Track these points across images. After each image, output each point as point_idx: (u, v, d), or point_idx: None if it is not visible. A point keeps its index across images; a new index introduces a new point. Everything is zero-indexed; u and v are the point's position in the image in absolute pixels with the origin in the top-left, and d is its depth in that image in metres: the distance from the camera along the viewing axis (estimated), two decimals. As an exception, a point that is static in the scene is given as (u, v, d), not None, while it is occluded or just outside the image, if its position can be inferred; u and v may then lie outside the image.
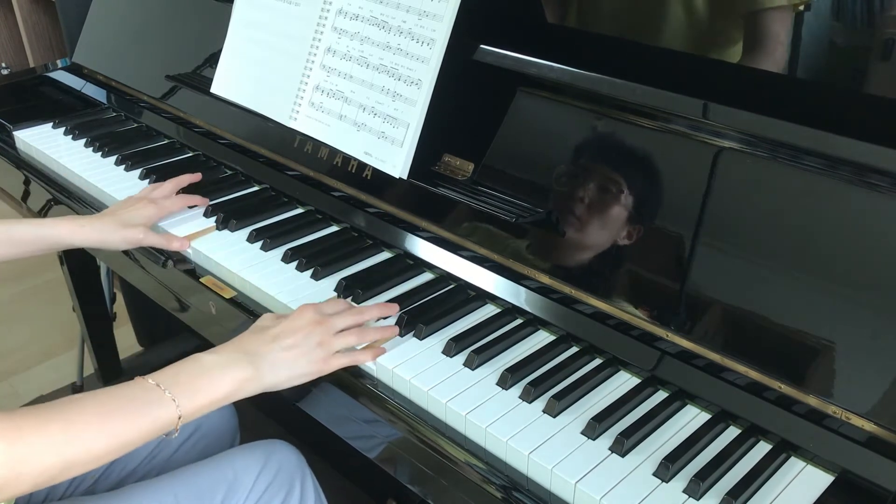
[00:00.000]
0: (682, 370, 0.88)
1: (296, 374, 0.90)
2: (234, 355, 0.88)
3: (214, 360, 0.87)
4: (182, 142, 1.49)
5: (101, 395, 0.81)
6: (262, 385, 0.88)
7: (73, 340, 2.15)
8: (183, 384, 0.84)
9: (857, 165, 0.80)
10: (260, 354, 0.89)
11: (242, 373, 0.87)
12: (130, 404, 0.81)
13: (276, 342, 0.90)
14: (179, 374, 0.85)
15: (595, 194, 0.97)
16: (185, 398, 0.83)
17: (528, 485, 0.80)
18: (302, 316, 0.93)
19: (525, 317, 1.00)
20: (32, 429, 0.75)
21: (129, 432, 0.80)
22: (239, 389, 0.87)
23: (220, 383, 0.86)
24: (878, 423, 0.75)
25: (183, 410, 0.82)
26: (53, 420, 0.77)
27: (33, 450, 0.74)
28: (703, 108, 0.90)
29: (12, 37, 2.90)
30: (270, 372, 0.88)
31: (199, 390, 0.84)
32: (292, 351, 0.90)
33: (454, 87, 1.09)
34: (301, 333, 0.91)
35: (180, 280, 1.16)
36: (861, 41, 0.88)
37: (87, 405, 0.79)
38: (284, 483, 1.04)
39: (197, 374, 0.86)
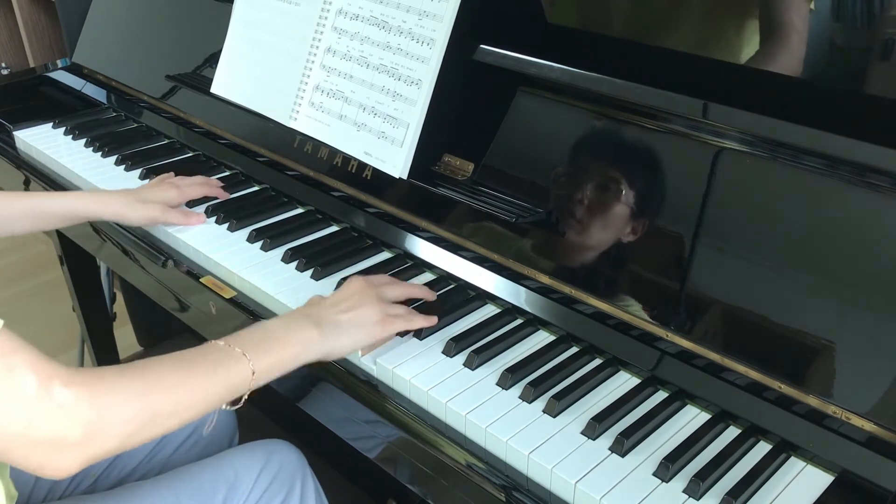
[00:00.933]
0: (682, 370, 0.88)
1: (358, 337, 0.91)
2: (297, 318, 0.90)
3: (280, 323, 0.89)
4: (182, 142, 1.49)
5: (173, 355, 0.81)
6: (325, 347, 0.89)
7: (73, 340, 2.15)
8: (252, 345, 0.84)
9: (857, 165, 0.80)
10: (322, 318, 0.90)
11: (308, 334, 0.88)
12: (206, 359, 0.82)
13: (334, 307, 0.91)
14: (248, 336, 0.86)
15: (595, 194, 0.97)
16: (255, 355, 0.83)
17: (528, 485, 0.80)
18: (354, 283, 0.96)
19: (525, 317, 1.00)
20: (112, 378, 0.74)
21: (208, 384, 0.80)
22: (305, 351, 0.87)
23: (287, 343, 0.87)
24: (878, 423, 0.75)
25: (256, 366, 0.83)
26: (131, 373, 0.76)
27: (116, 397, 0.73)
28: (702, 108, 0.90)
29: (12, 37, 2.90)
30: (334, 334, 0.89)
31: (268, 350, 0.85)
32: (352, 313, 0.91)
33: (454, 87, 1.09)
34: (357, 297, 0.93)
35: (180, 280, 1.16)
36: (861, 41, 0.88)
37: (161, 362, 0.79)
38: (285, 483, 1.04)
39: (264, 336, 0.87)
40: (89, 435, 0.71)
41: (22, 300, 2.57)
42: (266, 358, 0.84)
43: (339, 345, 0.90)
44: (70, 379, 0.70)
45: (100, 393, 0.72)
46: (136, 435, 0.74)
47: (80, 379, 0.71)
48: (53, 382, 0.69)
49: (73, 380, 0.70)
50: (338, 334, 0.89)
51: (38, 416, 0.68)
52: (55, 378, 0.69)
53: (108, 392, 0.72)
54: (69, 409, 0.69)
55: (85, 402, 0.70)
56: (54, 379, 0.69)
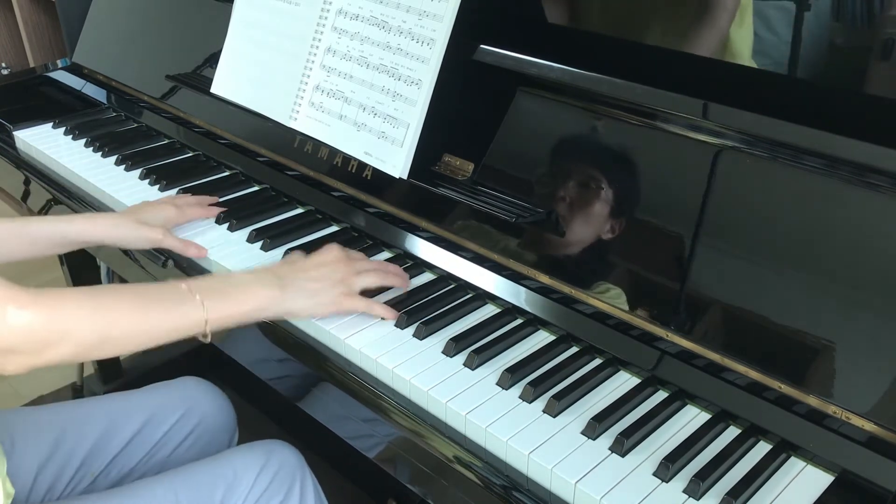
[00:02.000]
0: (682, 370, 0.88)
1: (316, 303, 0.95)
2: (264, 276, 0.94)
3: (244, 276, 0.94)
4: (182, 142, 1.49)
5: (133, 286, 0.89)
6: (284, 308, 0.93)
7: (72, 340, 2.15)
8: (212, 291, 0.89)
9: (857, 165, 0.80)
10: (288, 279, 0.94)
11: (269, 291, 0.92)
12: (161, 296, 0.87)
13: (303, 272, 0.96)
14: (209, 284, 0.91)
15: (595, 194, 0.97)
16: (212, 303, 0.87)
17: (528, 485, 0.80)
18: (329, 251, 0.99)
19: (525, 317, 1.00)
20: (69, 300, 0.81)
21: (161, 320, 0.85)
22: (263, 307, 0.92)
23: (246, 296, 0.91)
24: (878, 423, 0.75)
25: (210, 315, 0.87)
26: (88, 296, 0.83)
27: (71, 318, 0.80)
28: (702, 107, 0.90)
29: (12, 37, 2.90)
30: (294, 297, 0.93)
31: (226, 299, 0.89)
32: (317, 283, 0.95)
33: (454, 87, 1.09)
34: (327, 268, 0.97)
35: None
36: (861, 41, 0.88)
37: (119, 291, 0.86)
38: (284, 483, 1.04)
39: (226, 284, 0.92)
40: (40, 349, 0.79)
41: (22, 300, 2.57)
42: (222, 308, 0.88)
43: (296, 307, 0.94)
44: (27, 300, 0.77)
45: (54, 315, 0.79)
46: (87, 352, 0.82)
47: (38, 300, 0.78)
48: (7, 306, 0.76)
49: (31, 301, 0.78)
50: (297, 297, 0.93)
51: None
52: (11, 302, 0.76)
53: (63, 313, 0.79)
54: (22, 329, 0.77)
55: (38, 323, 0.78)
56: (9, 303, 0.76)
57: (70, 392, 2.05)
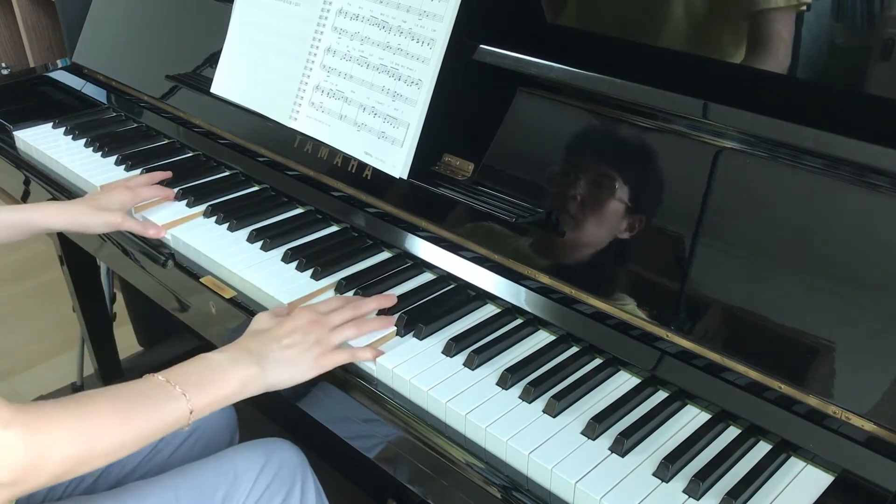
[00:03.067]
0: (682, 370, 0.88)
1: (296, 371, 0.92)
2: (238, 354, 0.90)
3: (220, 358, 0.89)
4: (182, 142, 1.49)
5: (113, 390, 0.83)
6: (265, 383, 0.90)
7: (73, 340, 2.15)
8: (191, 381, 0.86)
9: (857, 165, 0.80)
10: (262, 354, 0.91)
11: (247, 370, 0.89)
12: (143, 398, 0.83)
13: (276, 342, 0.92)
14: (187, 372, 0.87)
15: (595, 194, 0.97)
16: (194, 393, 0.84)
17: (528, 485, 0.80)
18: (299, 316, 0.95)
19: (525, 317, 1.00)
20: (49, 419, 0.76)
21: (144, 425, 0.82)
22: (244, 387, 0.89)
23: (226, 380, 0.87)
24: (878, 423, 0.75)
25: (193, 405, 0.84)
26: (69, 413, 0.78)
27: (53, 439, 0.75)
28: (702, 107, 0.90)
29: (12, 37, 2.90)
30: (273, 370, 0.90)
31: (207, 386, 0.86)
32: (292, 350, 0.92)
33: (454, 88, 1.09)
34: (299, 333, 0.93)
35: (180, 280, 1.16)
36: (861, 41, 0.88)
37: (100, 399, 0.81)
38: (285, 482, 1.04)
39: (204, 372, 0.88)
40: (20, 476, 0.73)
41: (22, 300, 2.57)
42: (205, 396, 0.85)
43: (277, 380, 0.91)
44: (9, 419, 0.72)
45: (34, 435, 0.74)
46: (71, 471, 0.77)
47: (19, 419, 0.73)
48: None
49: (12, 420, 0.72)
50: (277, 370, 0.90)
51: None
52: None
53: (44, 435, 0.74)
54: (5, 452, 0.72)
55: (19, 445, 0.73)
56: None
57: (70, 392, 2.05)
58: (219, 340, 1.15)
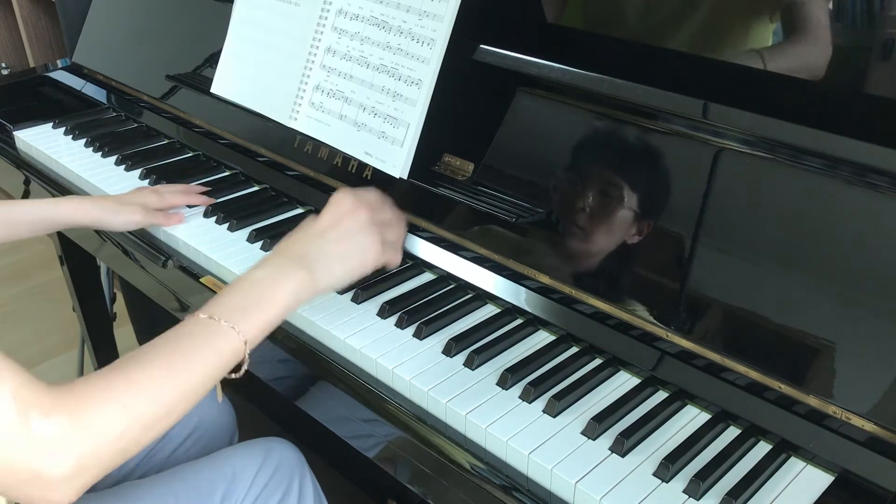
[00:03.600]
0: (682, 370, 0.87)
1: (351, 266, 0.84)
2: (280, 262, 0.82)
3: (261, 274, 0.82)
4: (182, 142, 1.49)
5: (156, 344, 0.75)
6: (318, 288, 0.82)
7: (73, 340, 2.15)
8: (236, 309, 0.78)
9: (857, 165, 0.80)
10: (309, 254, 0.83)
11: (295, 279, 0.81)
12: (190, 344, 0.75)
13: (323, 237, 0.84)
14: (230, 300, 0.79)
15: (595, 194, 0.97)
16: (242, 322, 0.77)
17: (528, 485, 0.80)
18: (343, 201, 0.87)
19: (525, 317, 1.00)
20: (96, 395, 0.68)
21: (196, 373, 0.74)
22: (296, 298, 0.81)
23: (274, 297, 0.80)
24: (878, 423, 0.75)
25: (247, 335, 0.77)
26: (115, 380, 0.70)
27: (103, 416, 0.67)
28: (702, 108, 0.90)
29: (12, 37, 2.90)
30: (325, 271, 0.82)
31: (254, 310, 0.79)
32: (343, 243, 0.84)
33: (454, 87, 1.09)
34: (347, 222, 0.85)
35: (180, 280, 1.16)
36: (861, 41, 0.88)
37: (145, 357, 0.73)
38: (283, 481, 1.04)
39: (249, 294, 0.80)
40: (79, 466, 0.66)
41: (22, 300, 2.57)
42: (255, 322, 0.78)
43: (331, 280, 0.83)
44: (52, 406, 0.65)
45: (82, 418, 0.66)
46: (130, 448, 0.70)
47: (61, 404, 0.65)
48: (32, 414, 0.64)
49: (55, 406, 0.65)
50: (328, 269, 0.82)
51: (20, 453, 0.63)
52: (35, 407, 0.64)
53: (92, 414, 0.67)
54: (52, 445, 0.64)
55: (68, 433, 0.65)
56: (33, 409, 0.64)
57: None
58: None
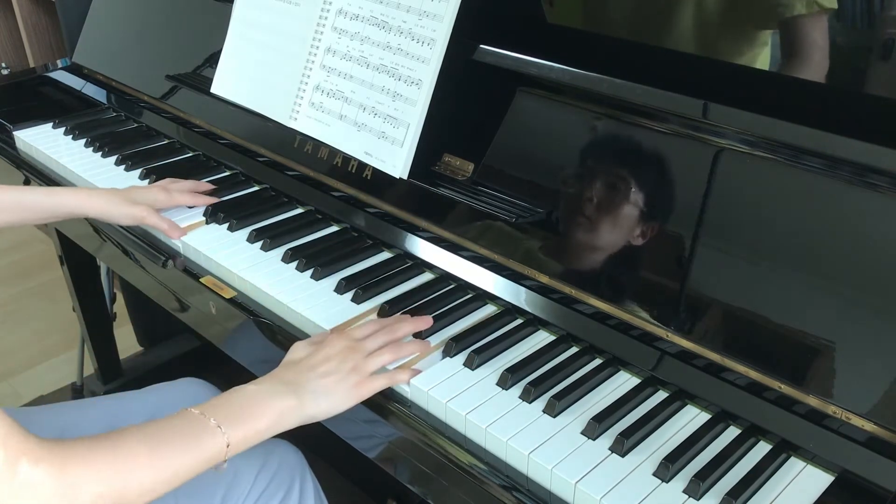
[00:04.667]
0: (682, 370, 0.88)
1: (334, 401, 0.88)
2: (275, 385, 0.87)
3: (256, 389, 0.86)
4: (182, 142, 1.49)
5: (146, 428, 0.79)
6: (303, 415, 0.87)
7: (73, 340, 2.15)
8: (227, 414, 0.82)
9: (857, 165, 0.80)
10: (299, 384, 0.87)
11: (285, 402, 0.85)
12: (177, 434, 0.80)
13: (312, 371, 0.89)
14: (223, 405, 0.84)
15: (595, 194, 0.97)
16: (231, 427, 0.81)
17: (528, 485, 0.80)
18: (334, 344, 0.92)
19: (525, 317, 1.00)
20: (81, 458, 0.73)
21: (179, 464, 0.79)
22: (282, 419, 0.85)
23: (263, 412, 0.84)
24: (878, 423, 0.75)
25: (230, 439, 0.81)
26: (101, 451, 0.75)
27: (83, 479, 0.72)
28: (702, 108, 0.90)
29: (12, 37, 2.90)
30: (311, 401, 0.87)
31: (244, 419, 0.83)
32: (329, 378, 0.88)
33: (454, 87, 1.09)
34: (335, 360, 0.90)
35: (180, 280, 1.16)
36: (861, 41, 0.88)
37: (134, 436, 0.78)
38: (284, 481, 1.04)
39: (241, 404, 0.84)
40: None
41: (22, 300, 2.57)
42: (242, 429, 0.82)
43: (317, 411, 0.88)
44: (39, 456, 0.70)
45: (64, 474, 0.71)
46: None
47: (47, 456, 0.70)
48: (21, 461, 0.69)
49: (42, 457, 0.70)
50: (315, 401, 0.87)
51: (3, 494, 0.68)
52: (23, 455, 0.69)
53: (73, 473, 0.72)
54: (34, 491, 0.69)
55: (49, 484, 0.70)
56: (22, 457, 0.69)
57: (70, 392, 2.05)
58: (219, 341, 1.15)
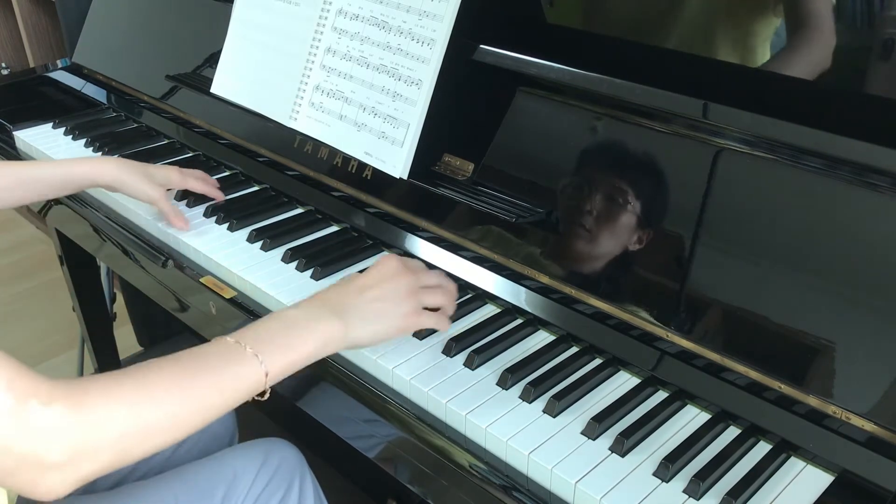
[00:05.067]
0: (682, 370, 0.87)
1: (384, 327, 0.84)
2: (319, 309, 0.82)
3: (298, 314, 0.82)
4: (182, 142, 1.49)
5: (177, 356, 0.74)
6: (348, 340, 0.82)
7: (73, 340, 2.15)
8: (266, 340, 0.77)
9: (857, 165, 0.80)
10: (346, 307, 0.83)
11: (329, 326, 0.81)
12: (210, 363, 0.74)
13: (362, 294, 0.84)
14: (261, 331, 0.79)
15: (595, 194, 0.97)
16: (269, 354, 0.76)
17: (528, 485, 0.80)
18: (387, 265, 0.87)
19: (525, 317, 1.00)
20: (101, 391, 0.68)
21: (213, 393, 0.73)
22: (326, 345, 0.81)
23: (305, 338, 0.80)
24: (878, 423, 0.75)
25: (269, 367, 0.76)
26: (125, 380, 0.70)
27: (105, 414, 0.67)
28: (702, 108, 0.90)
29: (12, 37, 2.90)
30: (358, 325, 0.82)
31: (284, 346, 0.78)
32: (380, 303, 0.84)
33: (454, 88, 1.09)
34: (389, 285, 0.85)
35: (180, 280, 1.16)
36: (861, 41, 0.88)
37: (161, 366, 0.73)
38: (284, 481, 1.04)
39: (280, 330, 0.80)
40: (74, 456, 0.66)
41: (22, 300, 2.57)
42: (281, 356, 0.77)
43: (362, 336, 0.83)
44: (50, 395, 0.65)
45: (83, 411, 0.66)
46: (130, 452, 0.69)
47: (62, 395, 0.66)
48: (30, 402, 0.64)
49: (53, 396, 0.65)
50: (361, 325, 0.83)
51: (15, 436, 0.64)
52: (32, 397, 0.64)
53: (94, 408, 0.67)
54: (48, 431, 0.65)
55: (66, 423, 0.65)
56: (31, 398, 0.64)
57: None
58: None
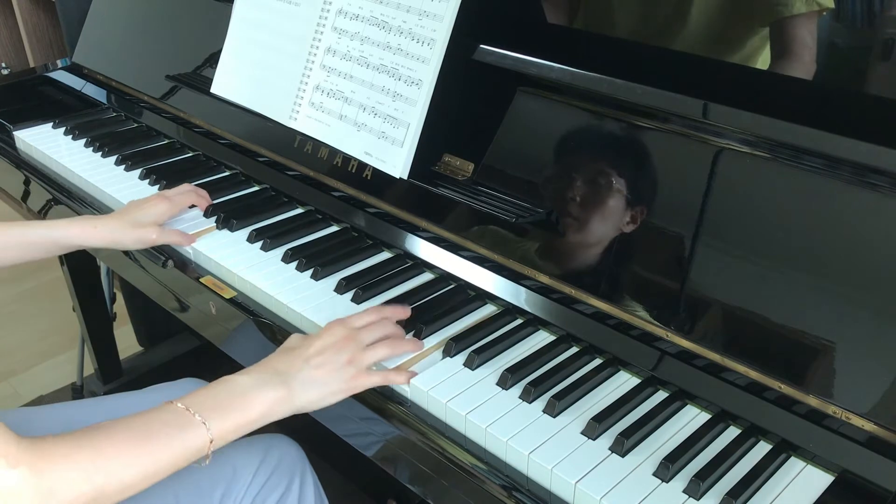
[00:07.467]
0: (682, 370, 0.88)
1: (327, 392, 0.87)
2: (265, 375, 0.86)
3: (245, 380, 0.85)
4: (182, 142, 1.49)
5: (130, 421, 0.79)
6: (293, 406, 0.86)
7: (73, 340, 2.15)
8: (213, 407, 0.82)
9: (857, 165, 0.80)
10: (291, 374, 0.86)
11: (274, 393, 0.84)
12: (160, 430, 0.79)
13: (306, 362, 0.88)
14: (209, 397, 0.83)
15: (595, 194, 0.97)
16: (215, 421, 0.81)
17: (528, 485, 0.80)
18: (331, 333, 0.90)
19: (525, 317, 1.00)
20: (61, 457, 0.73)
21: (160, 460, 0.78)
22: (271, 410, 0.84)
23: (252, 404, 0.83)
24: (878, 423, 0.75)
25: (214, 433, 0.80)
26: (83, 448, 0.75)
27: (63, 479, 0.72)
28: (703, 108, 0.90)
29: (12, 37, 2.90)
30: (302, 392, 0.86)
31: (230, 412, 0.82)
32: (322, 369, 0.87)
33: (454, 87, 1.09)
34: (330, 351, 0.88)
35: (180, 280, 1.16)
36: (861, 41, 0.88)
37: (116, 432, 0.77)
38: (284, 477, 1.04)
39: (227, 396, 0.83)
40: None
41: (22, 300, 2.57)
42: (226, 422, 0.81)
43: (306, 402, 0.86)
44: (17, 459, 0.70)
45: (43, 476, 0.71)
46: None
47: (27, 458, 0.70)
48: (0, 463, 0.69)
49: (20, 459, 0.70)
50: (305, 392, 0.86)
51: None
52: (2, 458, 0.69)
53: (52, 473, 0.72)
54: (10, 493, 0.69)
55: (27, 485, 0.70)
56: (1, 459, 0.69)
57: (70, 392, 2.05)
58: (219, 341, 1.15)
